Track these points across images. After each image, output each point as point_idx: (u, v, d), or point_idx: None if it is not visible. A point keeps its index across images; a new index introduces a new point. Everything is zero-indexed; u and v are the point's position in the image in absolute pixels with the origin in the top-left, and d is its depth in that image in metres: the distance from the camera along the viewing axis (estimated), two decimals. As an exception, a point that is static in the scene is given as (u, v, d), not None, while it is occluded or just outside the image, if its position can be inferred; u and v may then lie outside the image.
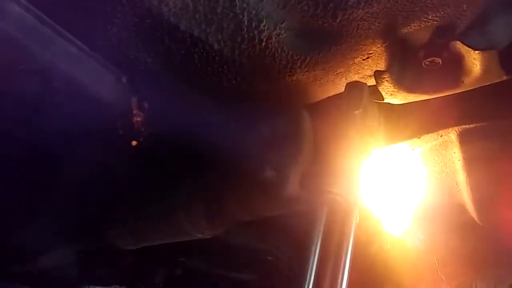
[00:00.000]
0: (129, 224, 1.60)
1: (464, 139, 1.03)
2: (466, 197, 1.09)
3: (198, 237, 1.52)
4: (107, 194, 1.62)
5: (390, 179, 1.14)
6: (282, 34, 0.85)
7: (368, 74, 0.97)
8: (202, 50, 0.91)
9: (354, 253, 1.26)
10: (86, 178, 1.55)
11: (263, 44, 0.87)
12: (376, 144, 1.08)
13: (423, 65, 0.87)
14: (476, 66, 0.85)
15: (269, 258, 2.20)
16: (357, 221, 1.08)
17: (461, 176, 1.07)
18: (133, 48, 0.92)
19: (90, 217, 1.65)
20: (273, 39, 0.86)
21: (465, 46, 0.84)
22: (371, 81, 0.98)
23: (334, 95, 1.11)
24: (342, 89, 1.04)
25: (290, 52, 0.90)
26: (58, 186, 1.56)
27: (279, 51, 0.89)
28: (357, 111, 1.03)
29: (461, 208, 1.15)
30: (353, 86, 1.00)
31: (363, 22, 0.82)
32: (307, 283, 1.15)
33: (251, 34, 0.85)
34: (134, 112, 1.10)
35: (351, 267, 1.23)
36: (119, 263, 2.23)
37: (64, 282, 2.32)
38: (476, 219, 1.13)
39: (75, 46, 0.90)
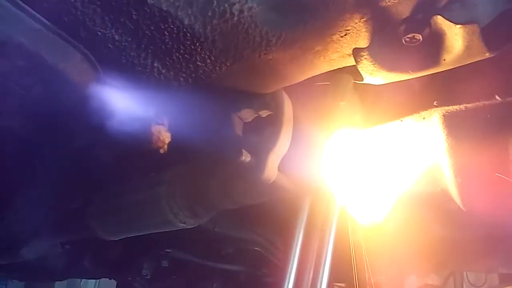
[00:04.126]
0: (111, 214, 1.57)
1: (447, 121, 1.00)
2: (449, 181, 1.06)
3: (181, 227, 1.49)
4: (89, 184, 1.59)
5: (372, 163, 1.11)
6: (254, 8, 0.81)
7: (347, 53, 0.93)
8: (172, 26, 0.86)
9: (335, 242, 1.24)
10: (67, 167, 1.51)
11: (235, 19, 0.83)
12: (357, 131, 1.06)
13: (403, 41, 0.83)
14: (458, 42, 0.82)
15: (256, 248, 2.18)
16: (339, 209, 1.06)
17: (445, 160, 1.03)
18: (100, 24, 0.87)
19: (72, 207, 1.62)
20: (245, 13, 0.82)
21: (446, 21, 0.80)
22: (351, 61, 0.94)
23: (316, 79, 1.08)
24: (321, 70, 1.01)
25: (264, 28, 0.86)
26: (38, 176, 1.52)
27: (253, 26, 0.85)
28: (342, 103, 1.01)
29: (445, 194, 1.12)
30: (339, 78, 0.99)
31: (339, -6, 0.78)
32: (289, 271, 1.12)
33: (221, 8, 0.81)
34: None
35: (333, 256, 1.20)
36: (105, 255, 2.20)
37: (51, 274, 2.29)
38: (459, 204, 1.10)
39: (38, 22, 0.85)
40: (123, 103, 1.09)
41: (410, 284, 2.56)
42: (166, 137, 1.12)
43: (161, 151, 1.13)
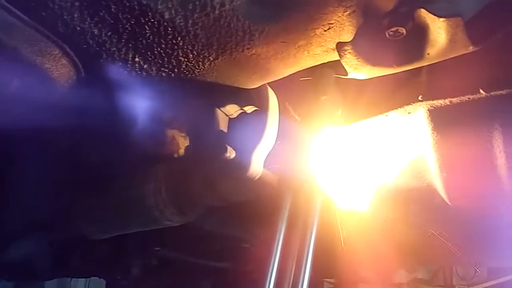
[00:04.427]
0: (97, 212, 1.56)
1: (432, 115, 0.99)
2: (435, 176, 1.06)
3: (168, 225, 1.48)
4: (74, 182, 1.57)
5: (357, 158, 1.10)
6: (236, 1, 0.79)
7: (331, 47, 0.92)
8: (152, 20, 0.84)
9: (323, 236, 1.23)
10: (53, 165, 1.49)
11: (217, 12, 0.81)
12: (340, 127, 1.05)
13: (387, 35, 0.83)
14: (442, 35, 0.81)
15: (246, 245, 2.17)
16: (322, 202, 1.05)
17: (430, 155, 1.03)
18: (78, 18, 0.85)
19: (57, 204, 1.60)
20: (227, 6, 0.80)
21: (430, 14, 0.79)
22: (335, 55, 0.93)
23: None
24: (305, 64, 1.00)
25: (247, 22, 0.84)
26: (24, 175, 1.50)
27: (235, 20, 0.84)
28: (324, 97, 1.00)
29: (431, 188, 1.12)
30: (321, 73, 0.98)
31: (321, -13, 0.77)
32: (273, 258, 1.12)
33: (202, 1, 0.79)
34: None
35: (319, 249, 1.20)
36: (94, 254, 2.18)
37: (40, 274, 2.26)
38: (445, 198, 1.10)
39: (14, 16, 0.83)
40: (105, 99, 1.07)
41: (399, 278, 2.57)
42: (181, 141, 1.11)
43: (175, 155, 1.12)
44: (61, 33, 0.88)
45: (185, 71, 0.99)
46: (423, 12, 0.79)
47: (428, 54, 0.84)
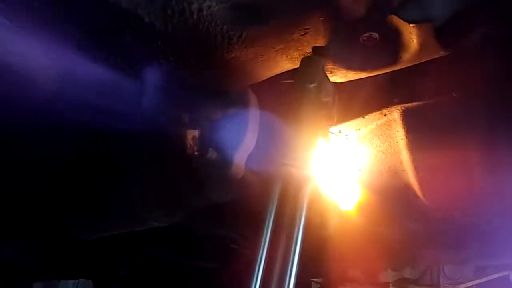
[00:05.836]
0: (84, 213, 1.56)
1: (407, 117, 1.02)
2: (411, 176, 1.09)
3: (154, 225, 1.49)
4: (61, 182, 1.57)
5: (336, 160, 1.12)
6: (213, 7, 0.82)
7: (308, 51, 0.94)
8: (132, 24, 0.86)
9: (309, 236, 1.25)
10: (39, 164, 1.49)
11: (195, 17, 0.83)
12: (331, 120, 1.06)
13: (361, 40, 0.85)
14: (413, 41, 0.84)
15: (233, 246, 2.19)
16: (310, 194, 1.06)
17: (405, 155, 1.06)
18: (57, 21, 0.87)
19: (44, 205, 1.60)
20: (205, 12, 0.82)
21: (401, 20, 0.82)
22: (312, 59, 0.95)
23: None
24: (284, 68, 1.02)
25: (225, 27, 0.87)
26: (9, 173, 1.50)
27: (213, 25, 0.86)
28: (311, 85, 1.00)
29: (409, 189, 1.15)
30: (309, 60, 0.97)
31: (296, -7, 0.79)
32: (259, 256, 1.13)
33: (180, 6, 0.81)
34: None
35: (306, 249, 1.22)
36: (82, 255, 2.18)
37: (26, 275, 2.26)
38: (422, 198, 1.13)
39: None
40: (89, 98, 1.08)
41: (386, 278, 2.60)
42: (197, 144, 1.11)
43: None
44: (45, 37, 0.89)
45: (166, 73, 1.01)
46: (394, 18, 0.82)
47: (401, 58, 0.87)
